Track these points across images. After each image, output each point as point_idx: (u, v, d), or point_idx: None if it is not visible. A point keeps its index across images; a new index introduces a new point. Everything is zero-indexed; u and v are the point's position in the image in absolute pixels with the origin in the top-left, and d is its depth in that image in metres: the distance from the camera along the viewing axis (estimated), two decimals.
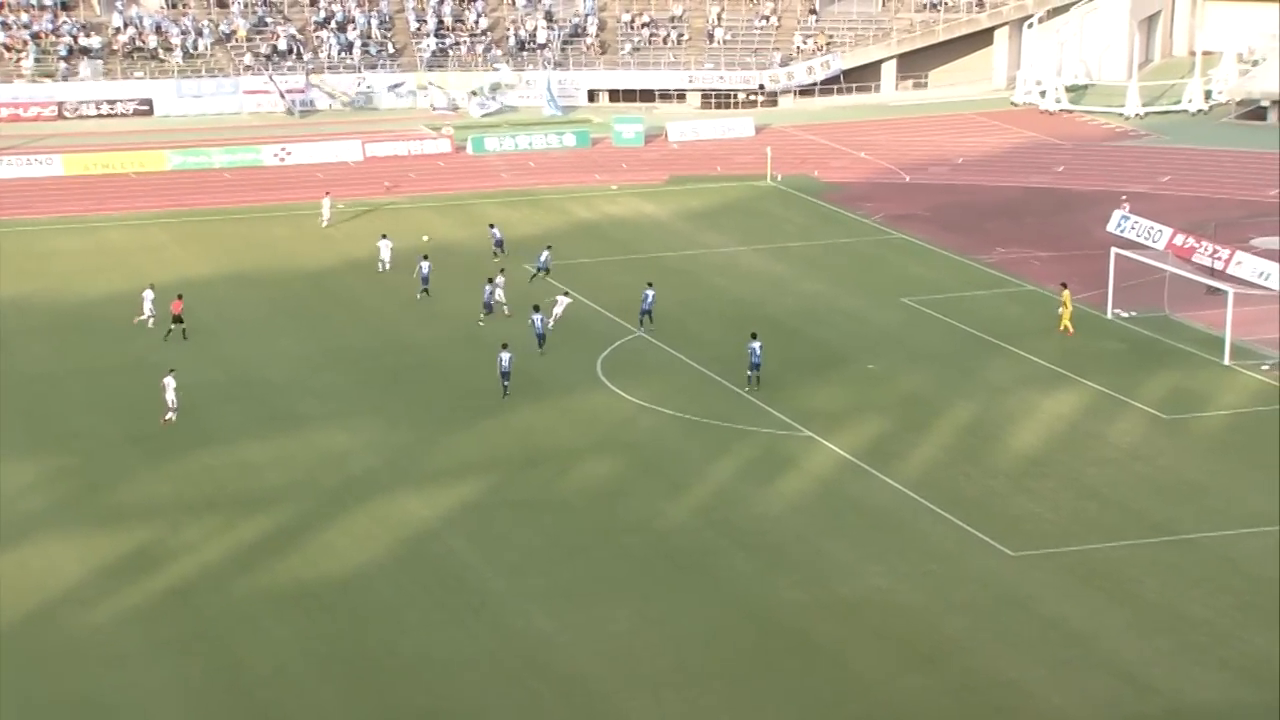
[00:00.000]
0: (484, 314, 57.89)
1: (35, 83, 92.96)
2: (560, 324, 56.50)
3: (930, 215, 73.35)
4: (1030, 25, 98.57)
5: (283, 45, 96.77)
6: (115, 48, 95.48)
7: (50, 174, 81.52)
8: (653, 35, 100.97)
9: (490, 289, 58.33)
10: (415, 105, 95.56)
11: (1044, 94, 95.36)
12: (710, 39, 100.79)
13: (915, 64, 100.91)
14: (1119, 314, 58.24)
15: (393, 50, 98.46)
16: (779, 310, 58.98)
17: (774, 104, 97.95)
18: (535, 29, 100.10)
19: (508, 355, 50.60)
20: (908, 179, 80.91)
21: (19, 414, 49.75)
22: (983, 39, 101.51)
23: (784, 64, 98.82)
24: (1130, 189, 75.85)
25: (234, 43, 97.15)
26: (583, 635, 36.59)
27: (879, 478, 44.91)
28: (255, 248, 68.79)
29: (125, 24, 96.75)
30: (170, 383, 48.67)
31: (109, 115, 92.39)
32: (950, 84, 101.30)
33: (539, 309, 55.09)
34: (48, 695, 34.37)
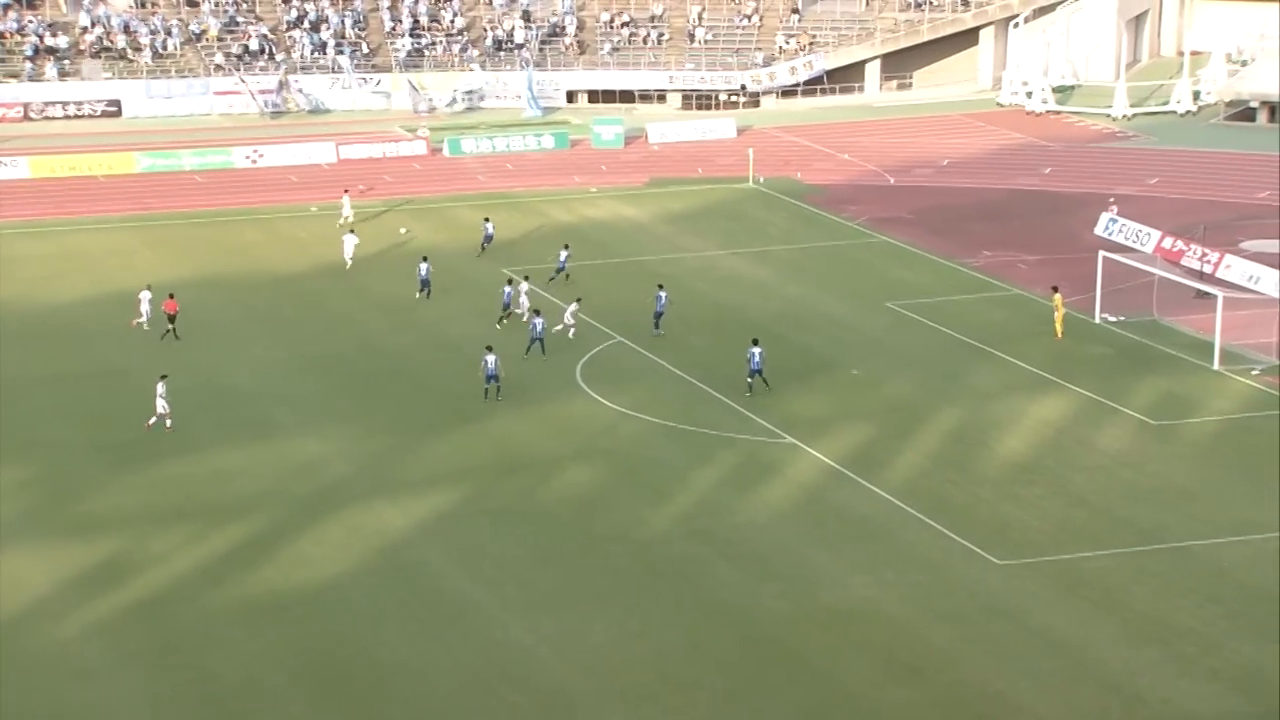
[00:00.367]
0: (504, 317, 57.63)
1: (0, 83, 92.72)
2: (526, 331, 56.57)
3: (915, 218, 73.51)
4: (1016, 25, 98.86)
5: (254, 45, 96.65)
6: (82, 47, 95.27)
7: (15, 176, 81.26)
8: (632, 35, 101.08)
9: (509, 291, 58.23)
10: (390, 107, 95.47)
11: (1030, 95, 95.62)
12: (691, 39, 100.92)
13: (899, 64, 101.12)
14: (1107, 318, 58.42)
15: (367, 50, 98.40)
16: (761, 315, 59.05)
17: (756, 105, 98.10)
18: (513, 29, 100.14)
19: (493, 358, 50.60)
20: (892, 181, 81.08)
21: None
22: (968, 39, 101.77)
23: (766, 64, 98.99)
24: (1118, 191, 76.09)
25: (204, 42, 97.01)
26: (562, 647, 36.58)
27: (864, 485, 44.98)
28: (226, 252, 68.68)
29: (93, 23, 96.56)
30: (160, 389, 48.58)
31: (76, 116, 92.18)
32: (935, 85, 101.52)
33: (540, 312, 55.16)
34: (14, 710, 34.24)
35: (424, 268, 61.77)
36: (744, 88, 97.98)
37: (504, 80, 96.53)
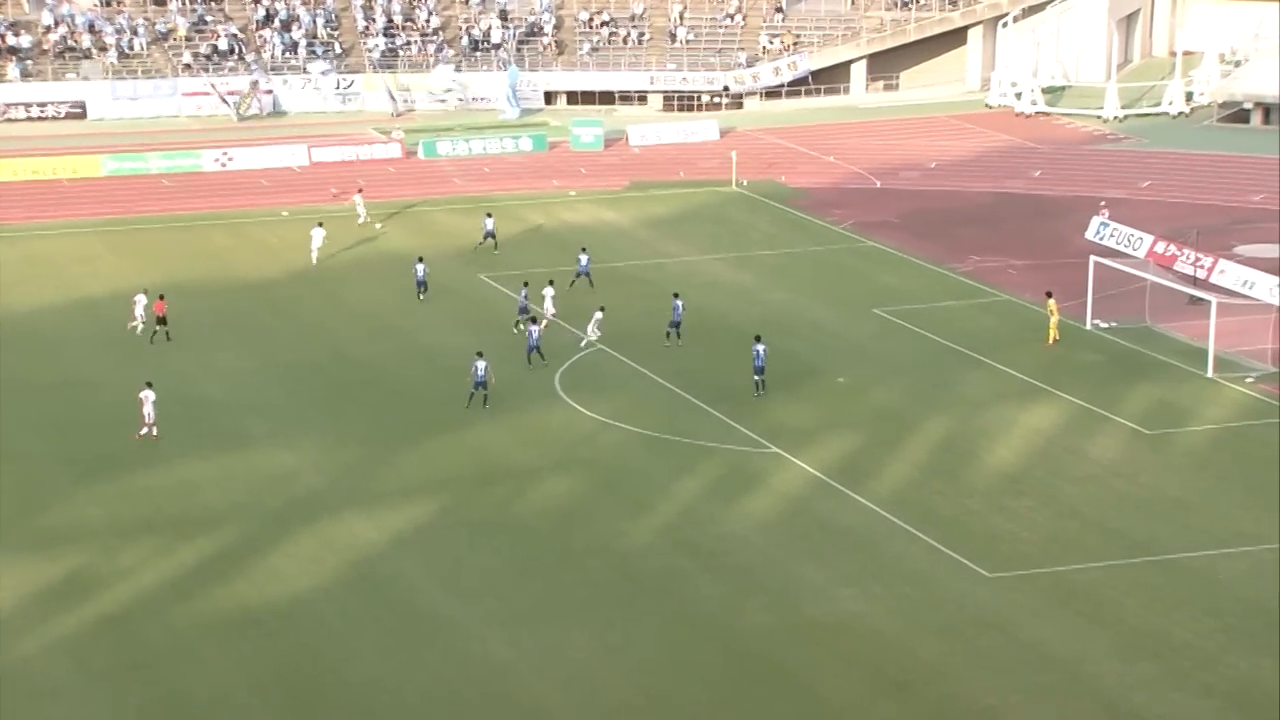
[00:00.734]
0: (521, 320, 57.49)
1: None
2: (518, 337, 56.52)
3: (902, 222, 73.64)
4: (1005, 24, 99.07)
5: (224, 45, 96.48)
6: (46, 47, 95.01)
7: None
8: (612, 34, 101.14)
9: (525, 294, 58.10)
10: (363, 108, 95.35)
11: (1019, 96, 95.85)
12: (672, 39, 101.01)
13: (886, 65, 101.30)
14: (1098, 325, 58.57)
15: (339, 50, 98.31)
16: (745, 321, 59.06)
17: (739, 106, 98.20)
18: (489, 28, 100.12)
19: (483, 364, 50.62)
20: (878, 184, 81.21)
21: None
22: (956, 39, 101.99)
23: (749, 64, 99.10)
24: (1109, 194, 76.29)
25: (172, 42, 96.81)
26: (541, 662, 36.55)
27: (850, 496, 45.02)
28: (195, 258, 68.53)
29: (56, 22, 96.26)
30: (149, 395, 48.46)
31: (39, 119, 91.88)
32: (922, 85, 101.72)
33: (536, 320, 55.09)
34: None
35: (420, 269, 62.16)
36: (727, 89, 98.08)
37: (467, 81, 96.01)
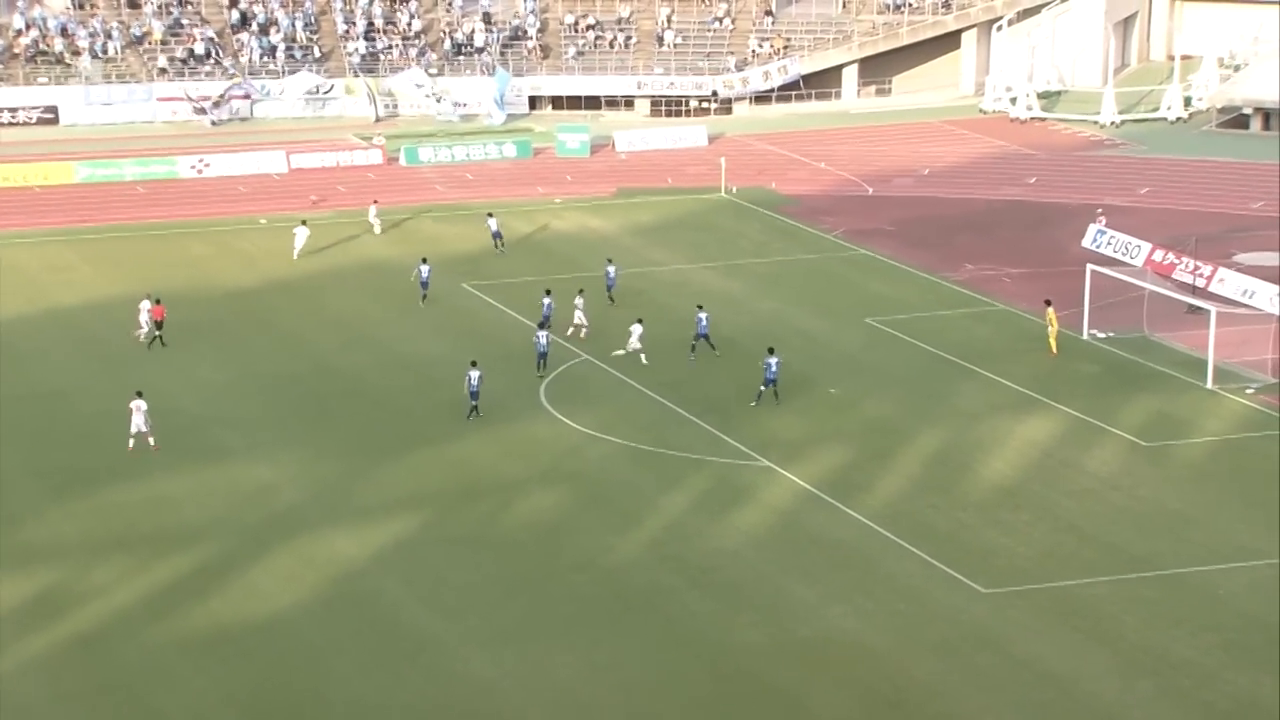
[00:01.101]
0: (546, 328, 57.51)
1: None
2: (502, 347, 56.58)
3: (895, 230, 73.80)
4: (999, 28, 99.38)
5: (200, 49, 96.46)
6: (16, 51, 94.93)
7: None
8: (598, 38, 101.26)
9: (549, 303, 58.14)
10: (343, 113, 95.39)
11: (1014, 101, 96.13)
12: (660, 42, 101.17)
13: (878, 69, 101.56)
14: (1095, 334, 58.72)
15: (319, 54, 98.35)
16: (734, 331, 59.14)
17: (728, 111, 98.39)
18: (472, 31, 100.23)
19: (477, 374, 50.69)
20: (871, 191, 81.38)
21: None
22: (949, 42, 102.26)
23: (739, 69, 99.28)
24: (1106, 202, 76.51)
25: (147, 46, 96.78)
26: (526, 681, 36.55)
27: (842, 510, 45.08)
28: (171, 267, 68.47)
29: (27, 25, 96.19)
30: (140, 405, 48.41)
31: (10, 124, 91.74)
32: (915, 90, 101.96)
33: (544, 326, 55.12)
34: None
35: (424, 269, 62.40)
36: (715, 93, 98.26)
37: (444, 86, 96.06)
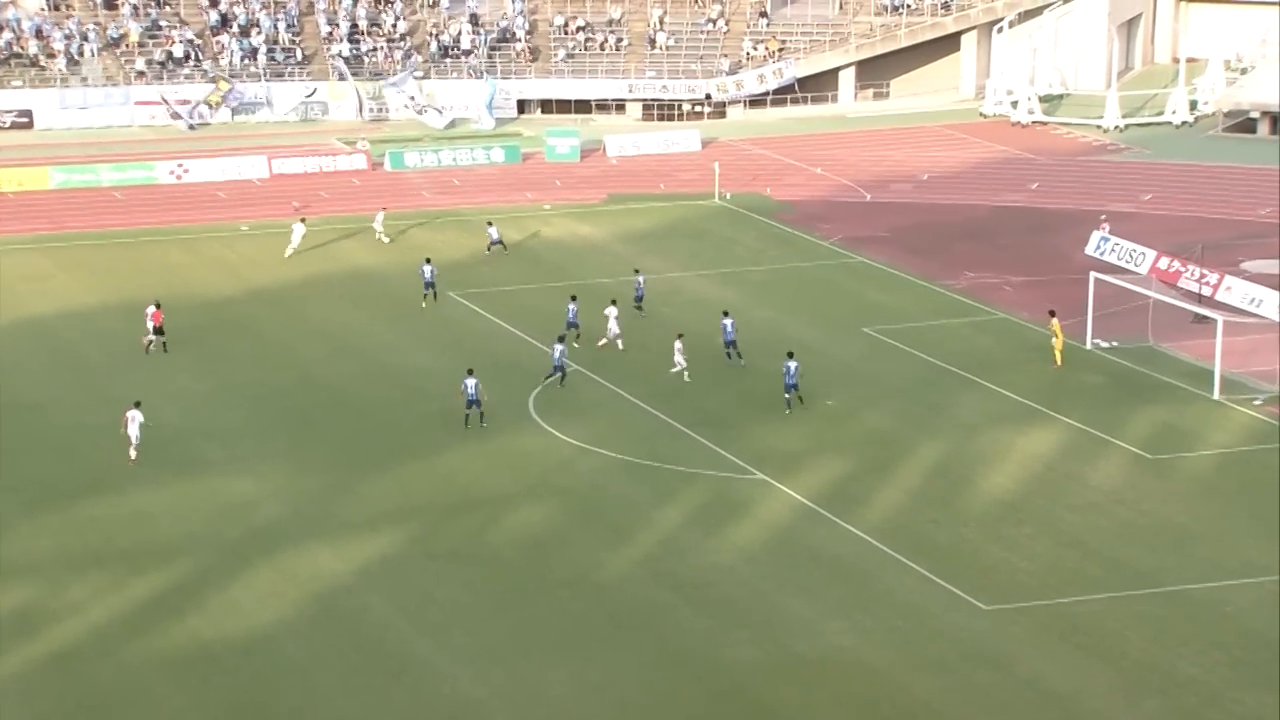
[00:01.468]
0: (572, 335, 57.53)
1: None
2: (488, 357, 56.57)
3: (893, 237, 73.86)
4: (1000, 30, 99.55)
5: (179, 52, 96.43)
6: None
7: None
8: (589, 40, 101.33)
9: (574, 309, 58.13)
10: (327, 117, 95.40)
11: (1016, 104, 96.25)
12: (652, 44, 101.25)
13: (875, 72, 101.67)
14: (1099, 344, 58.78)
15: (301, 57, 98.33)
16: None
17: (722, 115, 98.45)
18: (459, 34, 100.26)
19: (473, 382, 50.75)
20: (868, 197, 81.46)
21: None
22: (949, 45, 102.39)
23: (732, 72, 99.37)
24: (1110, 208, 76.63)
25: (124, 48, 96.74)
26: (516, 701, 36.52)
27: (840, 525, 45.08)
28: (149, 275, 68.40)
29: (1, 27, 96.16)
30: (136, 416, 48.37)
31: None
32: (914, 94, 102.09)
33: (564, 339, 55.15)
34: None
35: (428, 270, 62.71)
36: (709, 97, 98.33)
37: (427, 90, 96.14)
